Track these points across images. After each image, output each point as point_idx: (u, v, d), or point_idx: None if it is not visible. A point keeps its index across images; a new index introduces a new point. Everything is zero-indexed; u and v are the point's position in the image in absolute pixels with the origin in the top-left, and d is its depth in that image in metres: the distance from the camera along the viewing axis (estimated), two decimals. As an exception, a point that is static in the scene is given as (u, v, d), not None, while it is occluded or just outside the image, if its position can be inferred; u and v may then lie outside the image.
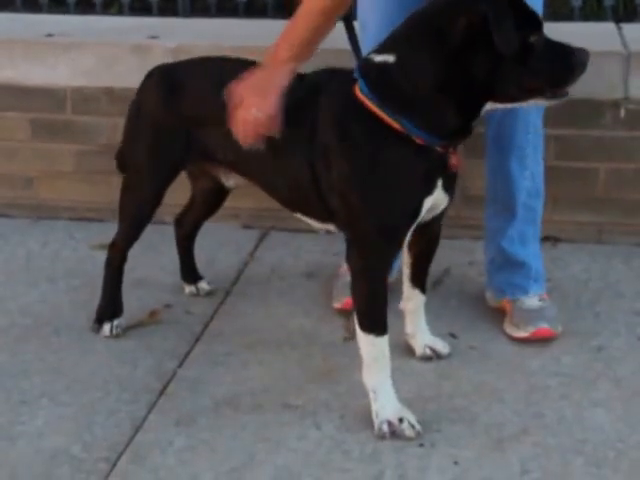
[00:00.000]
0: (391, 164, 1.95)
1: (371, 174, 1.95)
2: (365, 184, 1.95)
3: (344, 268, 2.49)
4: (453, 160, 2.00)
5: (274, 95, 2.01)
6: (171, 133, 2.26)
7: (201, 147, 2.24)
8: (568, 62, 1.93)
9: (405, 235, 2.02)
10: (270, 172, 2.14)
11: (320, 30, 2.08)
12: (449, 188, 2.04)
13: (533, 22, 1.91)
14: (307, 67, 2.15)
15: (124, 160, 2.41)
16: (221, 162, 2.26)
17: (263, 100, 2.01)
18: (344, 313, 2.45)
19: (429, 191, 1.99)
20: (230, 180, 2.39)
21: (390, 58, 1.94)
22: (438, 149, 1.96)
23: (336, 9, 2.07)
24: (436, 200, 2.02)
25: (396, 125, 1.93)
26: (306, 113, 2.02)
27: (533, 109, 2.31)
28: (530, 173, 2.37)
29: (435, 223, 2.12)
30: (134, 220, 2.38)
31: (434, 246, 2.22)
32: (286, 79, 2.04)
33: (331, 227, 2.13)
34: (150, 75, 2.35)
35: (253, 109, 2.02)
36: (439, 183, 2.00)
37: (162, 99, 2.27)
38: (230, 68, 2.21)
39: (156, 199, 2.34)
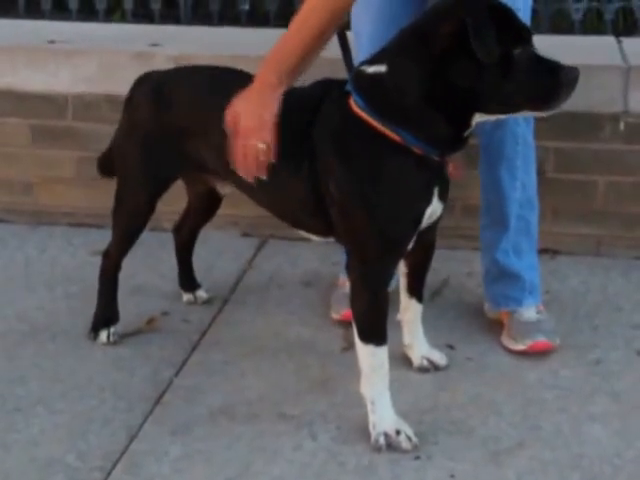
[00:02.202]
0: (393, 176, 1.95)
1: (374, 187, 1.95)
2: (368, 197, 1.95)
3: (343, 279, 2.49)
4: (450, 168, 2.01)
5: (271, 122, 1.95)
6: (162, 143, 2.24)
7: (194, 159, 2.22)
8: (554, 80, 1.89)
9: (407, 245, 2.02)
10: (267, 188, 2.12)
11: (314, 45, 1.97)
12: (443, 196, 2.05)
13: (519, 35, 1.90)
14: (309, 76, 2.16)
15: (106, 164, 2.43)
16: (215, 175, 2.25)
17: (262, 128, 1.94)
18: (342, 324, 2.44)
19: (429, 200, 2.00)
20: (225, 188, 2.38)
21: (382, 70, 1.94)
22: (436, 158, 1.97)
23: (341, 9, 1.97)
24: (433, 208, 2.03)
25: (395, 136, 1.93)
26: (302, 129, 2.01)
27: (522, 121, 2.32)
28: (521, 184, 2.37)
29: (430, 232, 2.12)
30: (127, 230, 2.37)
31: (430, 255, 2.22)
32: (278, 104, 1.97)
33: (331, 239, 2.13)
34: (140, 83, 2.33)
35: (253, 139, 1.94)
36: (436, 191, 2.01)
37: (153, 109, 2.25)
38: (220, 77, 2.21)
39: (148, 209, 2.32)
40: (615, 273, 2.78)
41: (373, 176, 1.95)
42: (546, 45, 1.97)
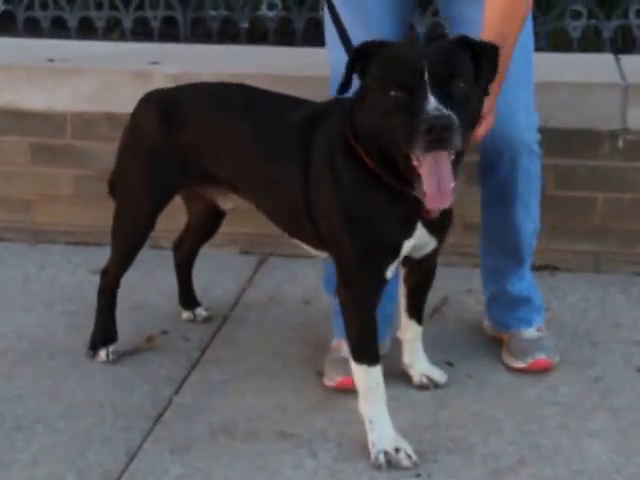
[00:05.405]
0: (370, 204, 1.97)
1: (352, 211, 1.97)
2: (348, 220, 1.98)
3: (335, 343, 2.35)
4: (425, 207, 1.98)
5: None
6: (166, 157, 2.25)
7: (199, 170, 2.23)
8: (412, 126, 1.78)
9: (385, 271, 2.01)
10: (268, 196, 2.16)
11: None
12: (435, 232, 2.03)
13: (404, 80, 1.81)
14: (309, 94, 2.17)
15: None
16: (221, 183, 2.25)
17: None
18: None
19: (408, 234, 2.00)
20: (228, 202, 2.39)
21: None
22: (415, 194, 1.93)
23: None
24: (420, 242, 2.03)
25: (375, 168, 1.94)
26: (305, 141, 2.04)
27: (535, 159, 2.29)
28: (533, 218, 2.38)
29: (427, 261, 2.13)
30: (127, 246, 2.37)
31: (429, 279, 2.23)
32: None
33: (325, 255, 2.14)
34: (145, 100, 2.34)
35: None
36: (419, 226, 2.00)
37: (159, 124, 2.26)
38: (224, 91, 2.24)
39: (150, 224, 2.33)
40: (614, 289, 2.78)
41: (351, 200, 1.97)
42: (545, 63, 1.98)
